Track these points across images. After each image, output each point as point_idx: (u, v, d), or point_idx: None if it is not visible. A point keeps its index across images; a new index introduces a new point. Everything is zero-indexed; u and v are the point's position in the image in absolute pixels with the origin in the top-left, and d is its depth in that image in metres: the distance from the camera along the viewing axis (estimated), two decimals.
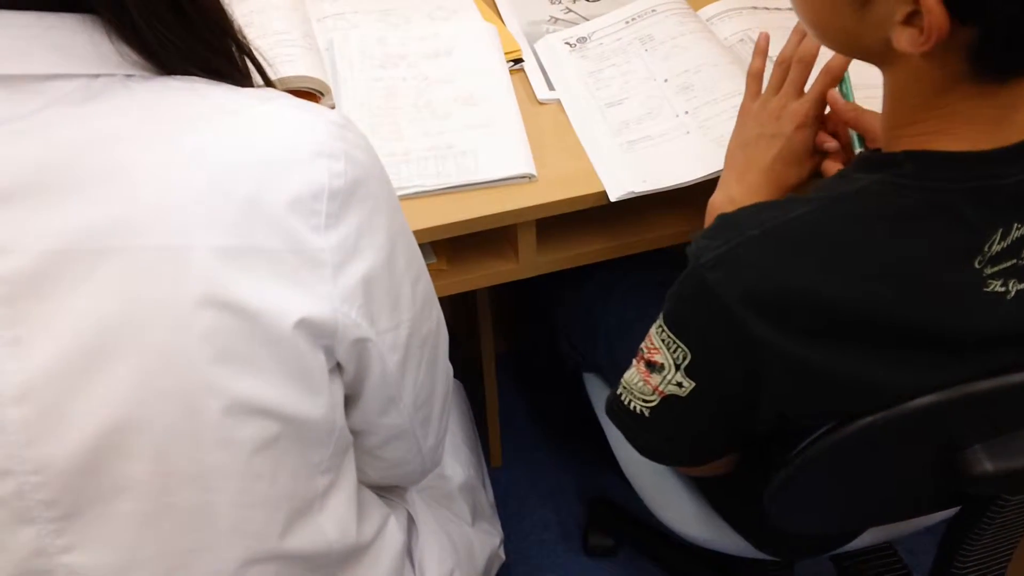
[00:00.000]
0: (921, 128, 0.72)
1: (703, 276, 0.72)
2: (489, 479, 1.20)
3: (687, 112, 1.11)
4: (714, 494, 1.08)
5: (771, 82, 0.97)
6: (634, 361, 0.84)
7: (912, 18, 0.66)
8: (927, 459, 0.80)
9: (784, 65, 0.96)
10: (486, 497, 1.13)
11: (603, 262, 1.16)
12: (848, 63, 0.92)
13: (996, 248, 0.70)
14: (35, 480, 0.59)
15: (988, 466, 0.77)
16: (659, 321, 0.80)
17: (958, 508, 0.92)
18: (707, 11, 1.30)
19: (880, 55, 0.72)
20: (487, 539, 1.06)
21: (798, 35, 0.97)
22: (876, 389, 0.73)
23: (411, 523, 0.90)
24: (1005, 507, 0.88)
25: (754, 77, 0.99)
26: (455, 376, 1.18)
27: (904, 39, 0.67)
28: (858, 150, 0.92)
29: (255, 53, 0.68)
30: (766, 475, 0.83)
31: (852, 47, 0.75)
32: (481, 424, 1.62)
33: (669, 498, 1.13)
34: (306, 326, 0.61)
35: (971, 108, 0.70)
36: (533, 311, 1.54)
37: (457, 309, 1.67)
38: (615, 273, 1.23)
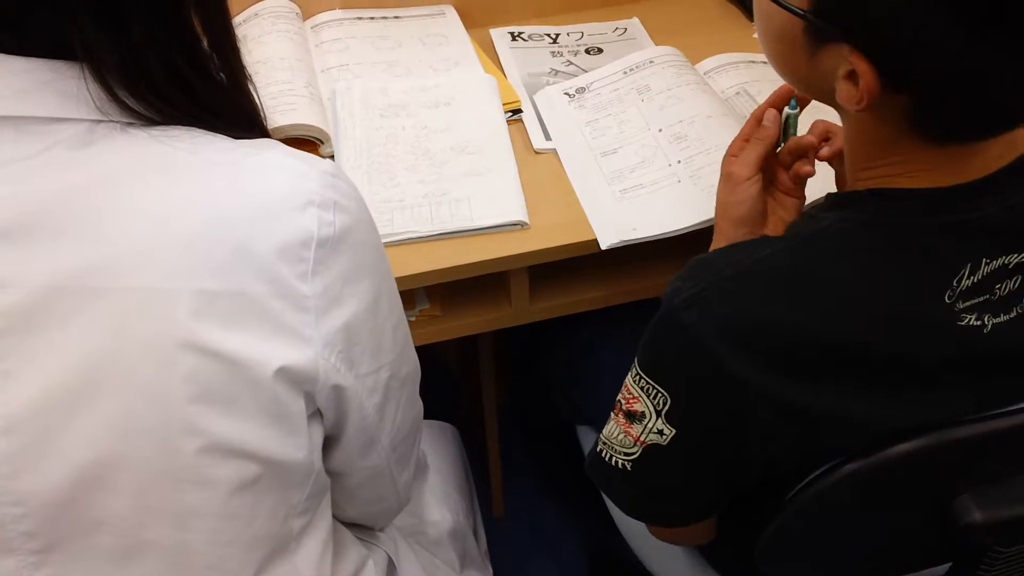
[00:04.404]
0: (879, 172, 0.74)
1: (678, 316, 0.72)
2: (483, 527, 1.19)
3: (679, 161, 1.12)
4: (710, 551, 1.07)
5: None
6: (611, 414, 0.83)
7: (852, 76, 0.68)
8: (917, 509, 0.79)
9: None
10: (477, 545, 1.12)
11: (595, 314, 1.16)
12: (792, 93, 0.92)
13: (966, 283, 0.71)
14: (16, 512, 0.59)
15: (977, 516, 0.75)
16: (634, 369, 0.80)
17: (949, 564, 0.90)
18: (705, 64, 1.32)
19: (832, 102, 0.74)
20: None
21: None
22: (863, 425, 0.73)
23: (391, 567, 0.89)
24: (998, 561, 0.86)
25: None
26: (456, 425, 1.18)
27: (843, 95, 0.70)
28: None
29: (258, 104, 0.70)
30: (757, 530, 0.82)
31: (808, 89, 0.78)
32: (483, 474, 1.61)
33: (665, 555, 1.11)
34: (286, 373, 0.62)
35: (924, 157, 0.72)
36: (527, 363, 1.53)
37: (461, 358, 1.67)
38: (607, 324, 1.22)
